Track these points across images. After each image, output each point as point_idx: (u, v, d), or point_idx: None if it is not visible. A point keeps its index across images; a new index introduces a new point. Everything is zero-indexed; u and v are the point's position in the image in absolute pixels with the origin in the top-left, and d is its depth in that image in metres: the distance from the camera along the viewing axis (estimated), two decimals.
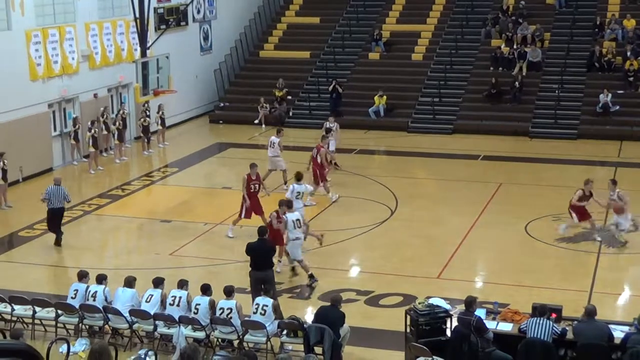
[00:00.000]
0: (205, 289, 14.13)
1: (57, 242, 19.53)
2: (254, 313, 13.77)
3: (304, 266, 17.04)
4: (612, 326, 12.64)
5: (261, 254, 15.11)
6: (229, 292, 13.96)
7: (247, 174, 19.79)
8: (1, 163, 22.14)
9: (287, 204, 17.34)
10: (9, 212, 22.21)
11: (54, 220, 19.60)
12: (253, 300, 14.38)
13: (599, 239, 19.09)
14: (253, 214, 19.56)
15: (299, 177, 19.42)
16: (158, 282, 14.54)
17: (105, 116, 27.74)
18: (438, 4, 37.18)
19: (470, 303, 12.71)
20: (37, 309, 14.71)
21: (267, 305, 13.72)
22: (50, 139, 26.47)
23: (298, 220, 17.08)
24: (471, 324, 12.42)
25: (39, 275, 18.24)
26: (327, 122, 26.16)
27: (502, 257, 18.66)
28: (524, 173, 26.07)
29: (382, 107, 32.20)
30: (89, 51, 27.89)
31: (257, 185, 19.81)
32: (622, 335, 12.42)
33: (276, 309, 13.81)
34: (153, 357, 13.01)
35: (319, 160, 22.39)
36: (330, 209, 21.95)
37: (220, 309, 13.77)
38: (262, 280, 14.84)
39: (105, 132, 27.72)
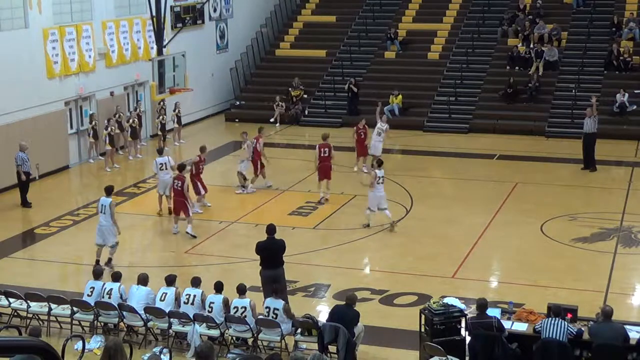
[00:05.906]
0: (219, 287, 14.16)
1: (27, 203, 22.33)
2: (266, 316, 13.77)
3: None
4: (627, 327, 12.58)
5: (271, 253, 15.11)
6: (242, 290, 14.00)
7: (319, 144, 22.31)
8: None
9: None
10: (25, 209, 22.32)
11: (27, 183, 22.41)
12: (265, 299, 14.38)
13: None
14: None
15: (380, 163, 20.61)
16: (171, 280, 14.56)
17: (117, 115, 27.72)
18: (454, 3, 37.07)
19: (484, 306, 12.67)
20: (53, 306, 14.79)
21: (277, 309, 13.71)
22: (66, 137, 26.57)
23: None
24: (494, 326, 12.38)
25: (55, 273, 18.32)
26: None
27: (518, 257, 18.59)
28: (540, 173, 25.94)
29: (397, 106, 32.14)
30: (105, 49, 27.98)
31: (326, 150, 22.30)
32: (637, 336, 12.37)
33: (287, 312, 13.76)
34: (168, 355, 13.07)
35: (259, 149, 23.16)
36: (345, 207, 21.93)
37: (235, 307, 13.80)
38: (272, 278, 14.84)
39: (117, 131, 27.73)
